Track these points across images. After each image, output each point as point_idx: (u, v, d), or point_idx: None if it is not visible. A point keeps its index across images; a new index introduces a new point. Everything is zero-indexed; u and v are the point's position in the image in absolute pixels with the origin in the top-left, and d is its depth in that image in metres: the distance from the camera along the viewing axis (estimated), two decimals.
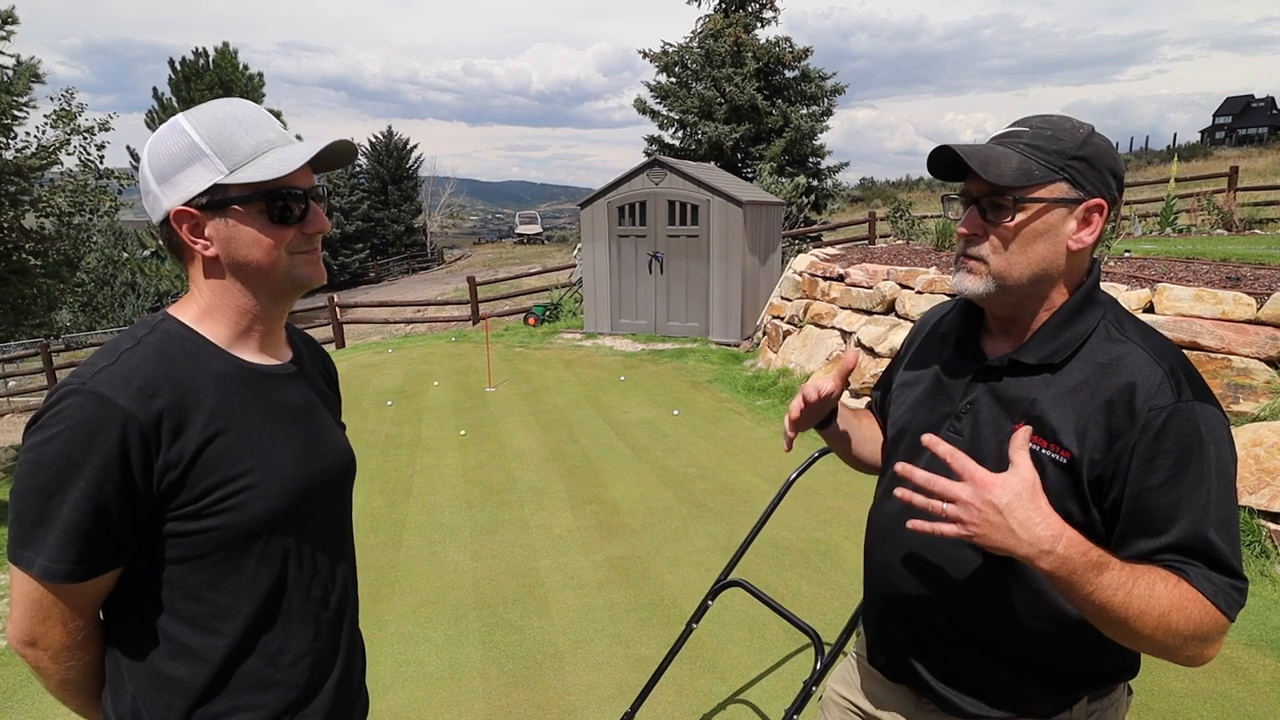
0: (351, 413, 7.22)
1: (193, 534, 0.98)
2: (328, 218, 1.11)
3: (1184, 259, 6.48)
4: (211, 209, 1.01)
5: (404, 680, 3.02)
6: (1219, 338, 4.27)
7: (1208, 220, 10.65)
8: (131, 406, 0.93)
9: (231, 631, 1.02)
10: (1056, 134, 1.10)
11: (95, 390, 0.93)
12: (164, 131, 1.03)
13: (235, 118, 1.03)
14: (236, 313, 1.06)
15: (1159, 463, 1.01)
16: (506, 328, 12.58)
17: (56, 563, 0.93)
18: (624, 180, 10.76)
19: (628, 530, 4.47)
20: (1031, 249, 1.10)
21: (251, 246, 1.02)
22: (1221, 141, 53.91)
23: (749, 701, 2.85)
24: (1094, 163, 1.09)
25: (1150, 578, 0.98)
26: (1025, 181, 1.08)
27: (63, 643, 0.99)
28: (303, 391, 1.14)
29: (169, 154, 1.01)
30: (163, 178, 1.01)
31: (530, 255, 33.84)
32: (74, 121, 11.76)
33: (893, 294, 6.94)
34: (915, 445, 1.24)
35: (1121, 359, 1.07)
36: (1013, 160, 1.09)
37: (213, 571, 1.00)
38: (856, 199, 30.06)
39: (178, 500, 0.97)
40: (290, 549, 1.06)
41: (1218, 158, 35.51)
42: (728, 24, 20.90)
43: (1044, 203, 1.08)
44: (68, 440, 0.92)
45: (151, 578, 1.00)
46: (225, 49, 27.75)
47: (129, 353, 0.98)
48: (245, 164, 1.01)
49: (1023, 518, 0.95)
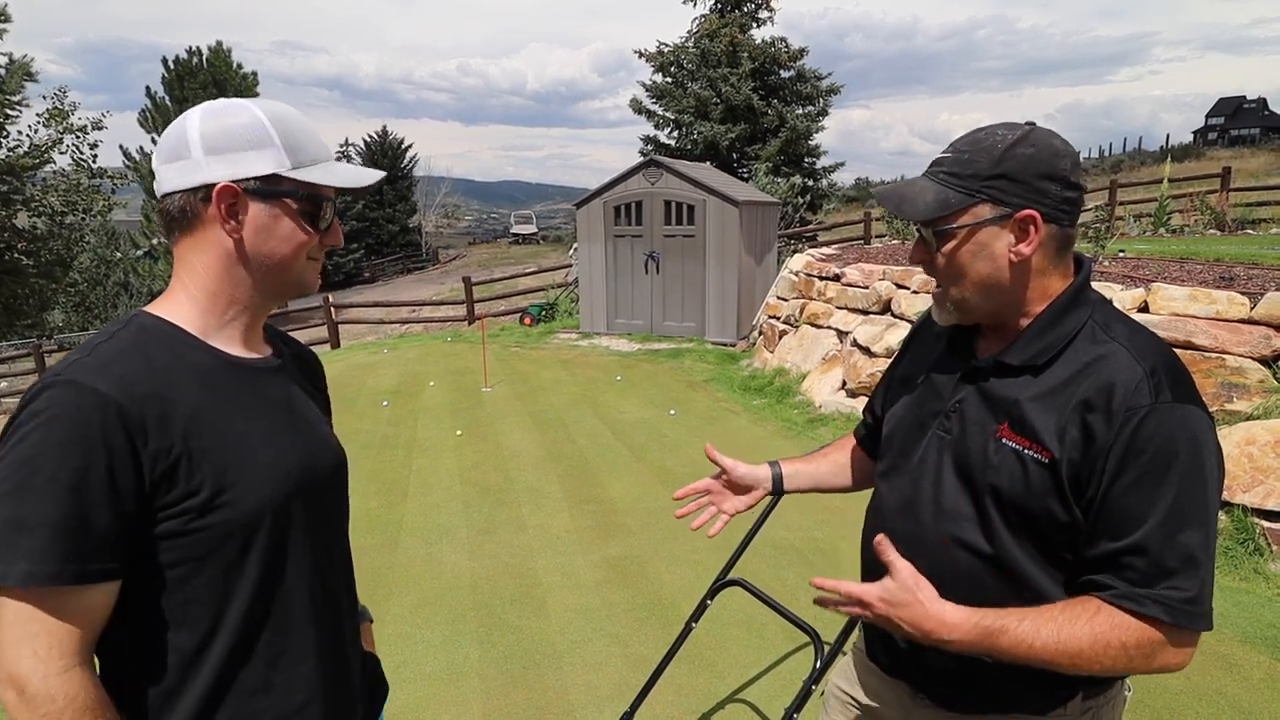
0: (347, 413, 7.21)
1: (189, 533, 0.94)
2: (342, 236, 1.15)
3: (1178, 259, 6.52)
4: (260, 195, 1.01)
5: (402, 681, 3.01)
6: (1213, 337, 4.30)
7: (1201, 220, 10.71)
8: (111, 391, 0.89)
9: (231, 636, 0.98)
10: (974, 156, 1.11)
11: (72, 379, 0.89)
12: (230, 106, 1.03)
13: (301, 122, 1.06)
14: (227, 303, 1.04)
15: (1129, 464, 1.01)
16: (502, 328, 12.57)
17: (40, 564, 0.84)
18: (620, 180, 10.76)
19: (625, 530, 4.47)
20: (972, 270, 1.13)
21: (283, 241, 1.04)
22: (1214, 142, 54.11)
23: (748, 701, 2.85)
24: (1016, 176, 1.09)
25: (1061, 620, 1.03)
26: (943, 211, 1.11)
27: (61, 672, 0.86)
28: (286, 386, 1.12)
29: (235, 130, 1.00)
30: (216, 149, 0.99)
31: (526, 255, 33.81)
32: (66, 120, 11.70)
33: (889, 294, 6.96)
34: (908, 442, 1.27)
35: (1104, 359, 1.07)
36: (928, 194, 1.13)
37: (210, 574, 0.96)
38: (852, 199, 30.13)
39: (172, 495, 0.92)
40: (286, 548, 1.03)
41: (1210, 158, 35.69)
42: (723, 24, 20.94)
43: (966, 227, 1.11)
44: (45, 432, 0.86)
45: (148, 587, 0.94)
46: (219, 48, 27.65)
47: (104, 345, 0.95)
48: (307, 165, 1.04)
49: (910, 617, 1.08)
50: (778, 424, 6.71)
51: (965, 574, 1.15)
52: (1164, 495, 1.00)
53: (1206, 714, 2.68)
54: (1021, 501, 1.09)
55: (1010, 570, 1.12)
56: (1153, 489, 1.01)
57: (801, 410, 6.97)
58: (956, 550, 1.16)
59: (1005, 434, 1.11)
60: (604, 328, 11.23)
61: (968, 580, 1.15)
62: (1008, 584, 1.12)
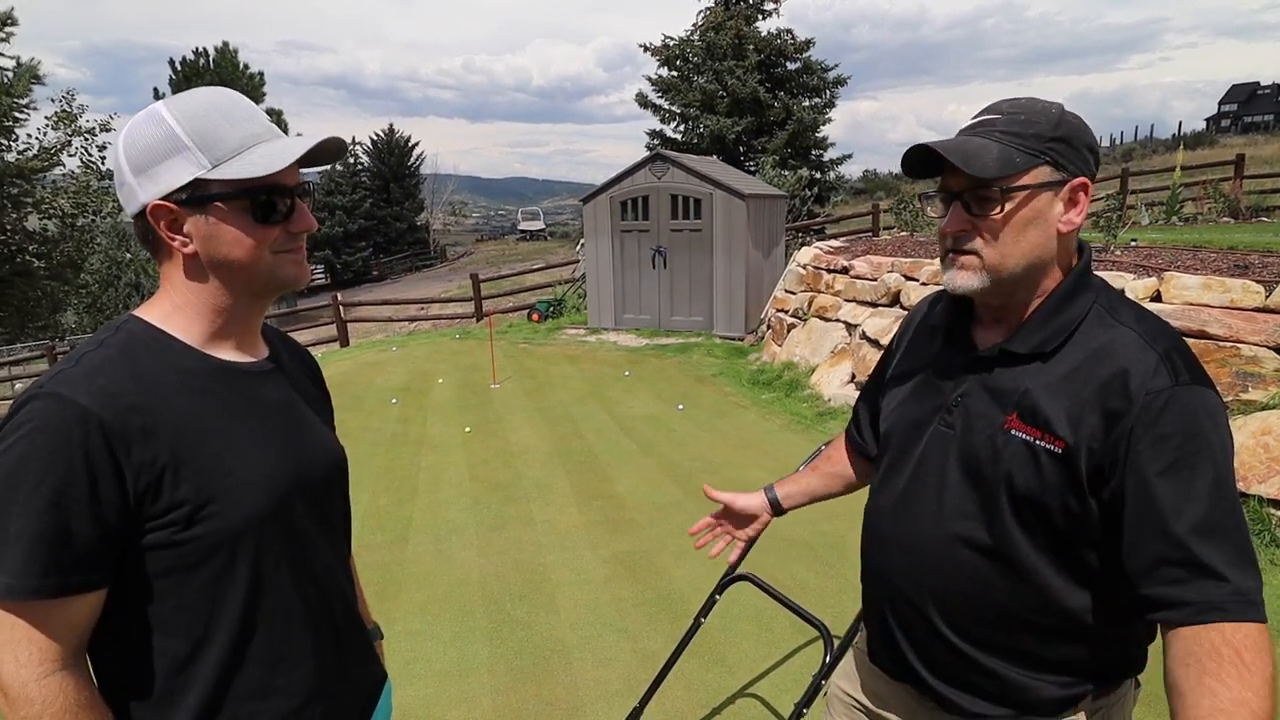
0: (356, 411, 7.23)
1: (178, 544, 0.92)
2: (315, 216, 1.06)
3: (1191, 247, 6.44)
4: (191, 205, 0.96)
5: (412, 677, 3.01)
6: (1227, 326, 4.24)
7: (1214, 209, 10.60)
8: (92, 404, 0.88)
9: (226, 642, 0.97)
10: (1030, 117, 1.07)
11: (54, 391, 0.88)
12: (142, 119, 0.97)
13: (219, 108, 0.97)
14: (212, 311, 1.01)
15: (1160, 449, 0.97)
16: (510, 324, 12.58)
17: (20, 578, 0.84)
18: (626, 175, 10.73)
19: (634, 525, 4.46)
20: (1024, 237, 1.07)
21: (233, 245, 0.97)
22: (1227, 129, 53.51)
23: (758, 695, 2.84)
24: (1072, 141, 1.07)
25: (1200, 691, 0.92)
26: (1008, 170, 1.05)
27: (40, 678, 0.87)
28: (282, 389, 1.09)
29: (146, 144, 0.95)
30: (139, 169, 0.96)
31: (533, 252, 33.84)
32: (75, 123, 11.75)
33: (897, 285, 6.91)
34: (907, 440, 1.23)
35: (1114, 343, 1.04)
36: (993, 151, 1.06)
37: (202, 581, 0.95)
38: (859, 191, 29.98)
39: (158, 506, 0.91)
40: (279, 554, 1.01)
41: (1224, 145, 35.27)
42: (729, 16, 20.85)
43: (1029, 189, 1.06)
44: (26, 445, 0.86)
45: (138, 596, 0.93)
46: (225, 48, 27.78)
47: (91, 354, 0.93)
48: (229, 159, 0.96)
49: None
50: (787, 417, 6.68)
51: (969, 572, 1.12)
52: (1200, 480, 0.96)
53: None
54: (1034, 494, 1.05)
55: (1016, 566, 1.09)
56: (1192, 473, 0.97)
57: (810, 404, 6.95)
58: (960, 548, 1.13)
59: (1014, 425, 1.08)
60: (612, 323, 11.21)
61: (971, 578, 1.12)
62: (1013, 580, 1.09)
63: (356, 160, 39.72)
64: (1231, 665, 0.92)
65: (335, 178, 37.02)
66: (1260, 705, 0.90)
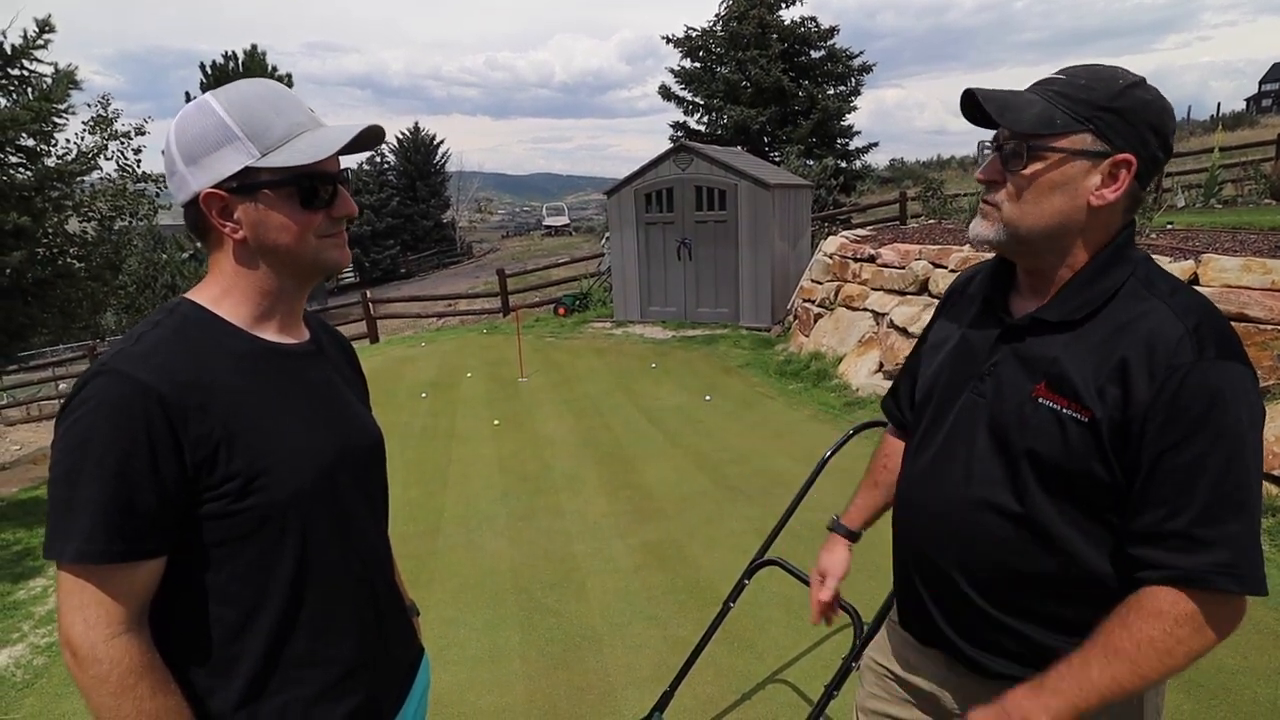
0: (387, 406, 7.33)
1: (232, 514, 0.97)
2: (354, 203, 1.10)
3: (1230, 229, 6.29)
4: (241, 192, 1.00)
5: (446, 664, 3.07)
6: (1268, 309, 4.14)
7: (1255, 190, 10.31)
8: (151, 379, 0.92)
9: (277, 611, 1.01)
10: (1091, 83, 1.06)
11: (116, 368, 0.93)
12: (192, 111, 1.01)
13: (265, 99, 1.01)
14: (259, 294, 1.06)
15: (1175, 423, 0.98)
16: (537, 319, 12.65)
17: (90, 543, 0.90)
18: (650, 167, 10.72)
19: (662, 515, 4.49)
20: (1047, 201, 1.06)
21: (281, 231, 1.02)
22: (1269, 109, 51.82)
23: (788, 681, 2.85)
24: (1128, 116, 1.04)
25: (1098, 643, 1.03)
26: (1044, 129, 1.04)
27: (107, 639, 0.92)
28: (324, 370, 1.14)
29: (198, 134, 0.99)
30: (191, 159, 1.00)
31: (558, 247, 33.93)
32: (110, 127, 11.99)
33: (925, 273, 6.84)
34: (941, 408, 1.23)
35: (1144, 316, 1.04)
36: (1035, 107, 1.05)
37: (254, 551, 1.00)
38: (886, 180, 29.59)
39: (214, 478, 0.96)
40: (326, 527, 1.05)
41: (1265, 125, 34.22)
42: (751, 5, 20.65)
43: (1063, 153, 1.04)
44: (91, 419, 0.91)
45: (196, 565, 0.98)
46: (254, 51, 28.12)
47: (148, 334, 0.98)
48: (277, 147, 1.00)
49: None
50: (814, 407, 6.65)
51: (995, 538, 1.13)
52: (1213, 456, 0.98)
53: (1265, 695, 2.60)
54: (1060, 462, 1.06)
55: (1043, 532, 1.09)
56: (1204, 448, 0.98)
57: (838, 393, 6.90)
58: (987, 514, 1.13)
59: (1042, 393, 1.08)
60: (637, 316, 11.23)
61: (998, 543, 1.13)
62: (1040, 545, 1.10)
63: (383, 159, 40.09)
64: (1135, 630, 1.01)
65: (363, 177, 37.39)
66: (1145, 661, 1.00)
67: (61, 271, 8.07)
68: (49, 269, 7.71)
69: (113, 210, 11.91)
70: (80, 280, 8.67)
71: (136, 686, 0.93)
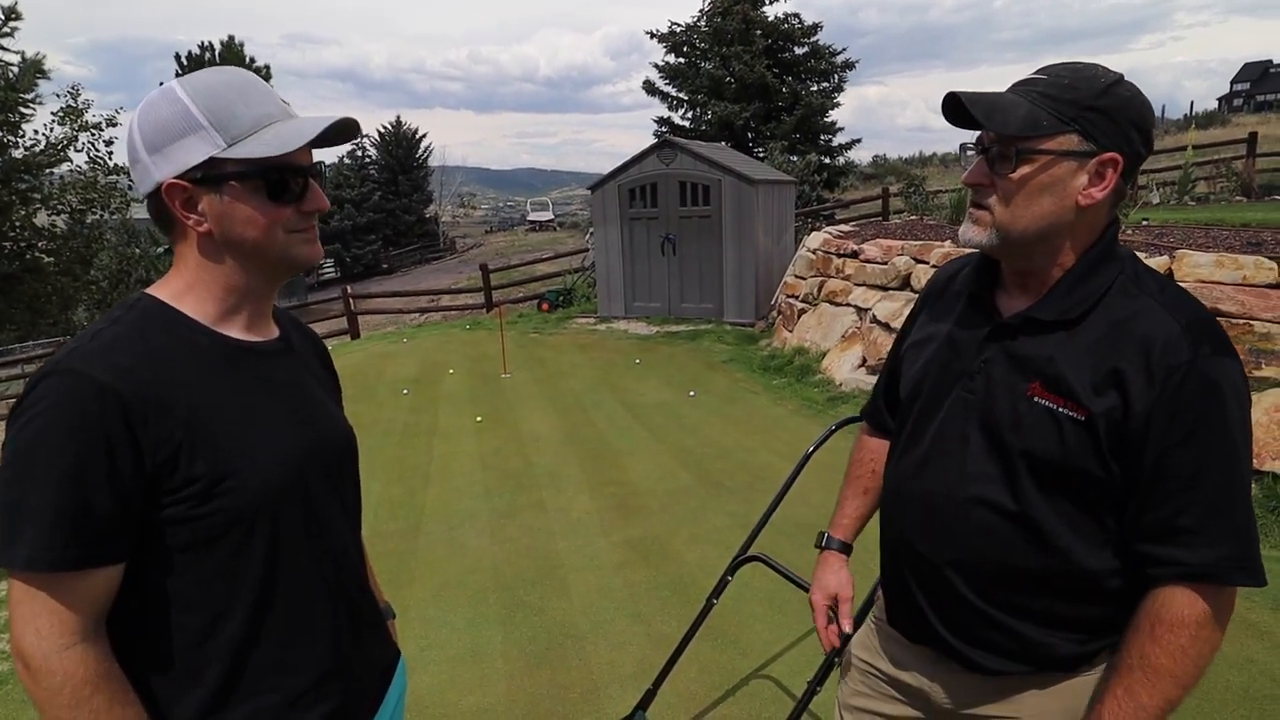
0: (368, 402, 7.26)
1: (195, 519, 0.93)
2: (326, 198, 1.06)
3: (1203, 226, 6.38)
4: (206, 183, 0.96)
5: (426, 663, 3.04)
6: (1240, 303, 4.21)
7: (1227, 187, 10.48)
8: (108, 378, 0.88)
9: (245, 617, 0.98)
10: (1074, 83, 1.05)
11: (71, 367, 0.88)
12: (157, 97, 0.96)
13: (234, 87, 0.97)
14: (225, 290, 1.02)
15: (1177, 421, 1.00)
16: (520, 314, 12.60)
17: (42, 550, 0.86)
18: (634, 162, 10.71)
19: (646, 511, 4.48)
20: (1037, 202, 1.06)
21: (247, 225, 0.98)
22: (1240, 108, 52.67)
23: (771, 676, 2.85)
24: (1113, 115, 1.04)
25: (1134, 665, 1.04)
26: (1031, 131, 1.04)
27: (60, 650, 0.88)
28: (293, 368, 1.10)
29: (161, 122, 0.95)
30: (154, 147, 0.96)
31: (542, 242, 33.80)
32: (81, 118, 11.75)
33: (908, 269, 6.88)
34: (930, 405, 1.23)
35: (1138, 314, 1.05)
36: (1020, 109, 1.05)
37: (220, 556, 0.96)
38: (869, 176, 29.72)
39: (174, 480, 0.92)
40: (295, 529, 1.02)
41: (1236, 124, 34.76)
42: (735, 1, 20.66)
43: (1050, 155, 1.04)
44: (44, 420, 0.87)
45: (157, 571, 0.94)
46: (231, 42, 27.72)
47: (106, 331, 0.94)
48: (244, 138, 0.96)
49: None
50: (798, 403, 6.68)
51: (990, 535, 1.13)
52: (1215, 453, 1.00)
53: (1238, 682, 2.65)
54: (1056, 461, 1.07)
55: (1038, 530, 1.10)
56: (1208, 444, 1.00)
57: (822, 388, 6.93)
58: (982, 511, 1.13)
59: (1037, 392, 1.08)
60: (622, 311, 11.21)
61: (992, 539, 1.13)
62: (1034, 542, 1.11)
63: (364, 153, 39.71)
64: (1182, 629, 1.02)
65: (343, 171, 37.03)
66: (1184, 671, 1.02)
67: (29, 266, 7.91)
68: (16, 263, 7.56)
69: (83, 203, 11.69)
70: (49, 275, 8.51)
71: (92, 699, 0.89)
